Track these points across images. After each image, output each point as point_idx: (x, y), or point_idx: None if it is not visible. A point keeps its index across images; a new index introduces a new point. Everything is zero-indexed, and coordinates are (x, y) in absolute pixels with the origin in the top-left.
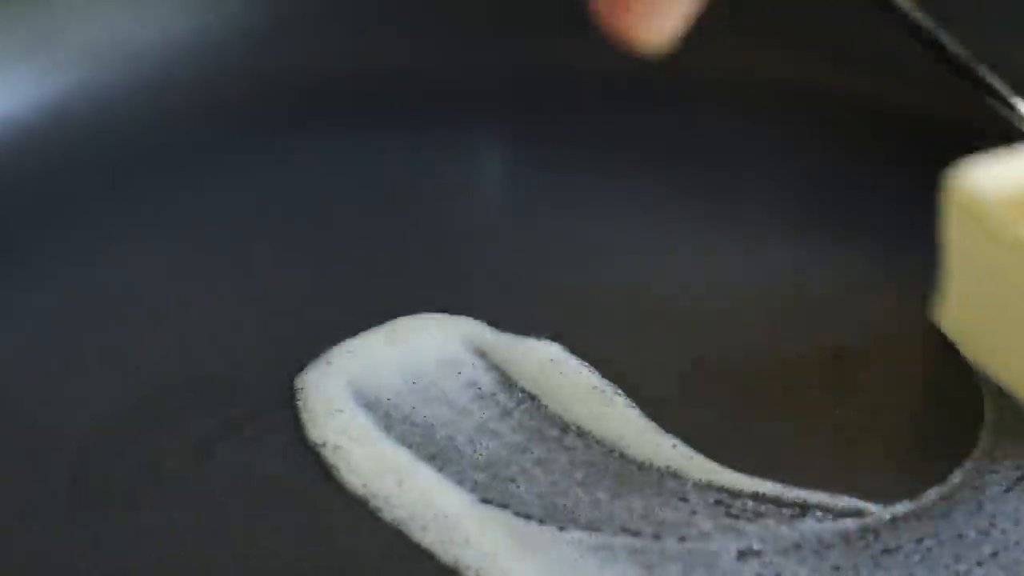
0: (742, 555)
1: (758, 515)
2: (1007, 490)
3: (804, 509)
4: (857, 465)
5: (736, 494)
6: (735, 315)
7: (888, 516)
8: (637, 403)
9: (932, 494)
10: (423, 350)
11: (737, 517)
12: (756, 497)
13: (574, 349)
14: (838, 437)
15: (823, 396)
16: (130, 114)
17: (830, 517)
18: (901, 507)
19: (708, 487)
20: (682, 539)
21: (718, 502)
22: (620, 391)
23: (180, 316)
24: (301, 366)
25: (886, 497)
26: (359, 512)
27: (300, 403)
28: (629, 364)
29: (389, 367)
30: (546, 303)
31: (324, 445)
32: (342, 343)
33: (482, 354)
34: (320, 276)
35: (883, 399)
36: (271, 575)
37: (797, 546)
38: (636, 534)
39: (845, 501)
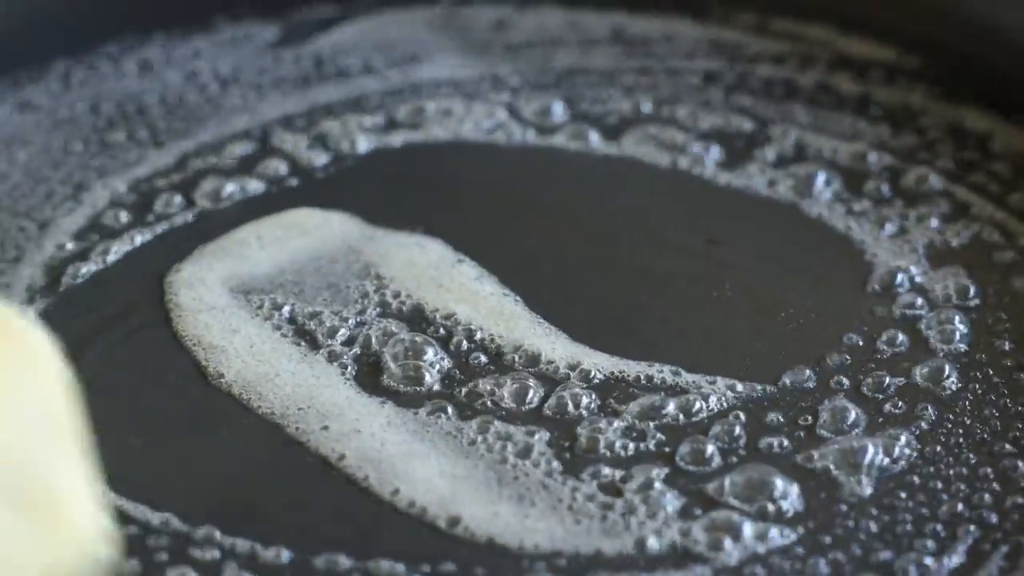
0: (628, 431)
1: (631, 397)
2: (878, 366)
3: (678, 390)
4: (733, 347)
5: (614, 379)
6: (609, 204)
7: (763, 395)
8: (513, 292)
9: (808, 373)
10: (297, 246)
11: (615, 399)
12: (630, 380)
13: (448, 242)
14: (714, 320)
15: (699, 280)
16: None
17: (705, 398)
18: (779, 386)
19: (582, 370)
20: (560, 420)
21: (593, 386)
22: (496, 281)
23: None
24: (172, 263)
25: (763, 378)
26: (234, 407)
27: (171, 300)
28: (504, 255)
29: (263, 263)
30: (419, 197)
31: (197, 342)
32: (215, 239)
33: (356, 248)
34: (189, 168)
35: (758, 282)
36: (145, 472)
37: (672, 423)
38: (512, 420)
39: (720, 382)
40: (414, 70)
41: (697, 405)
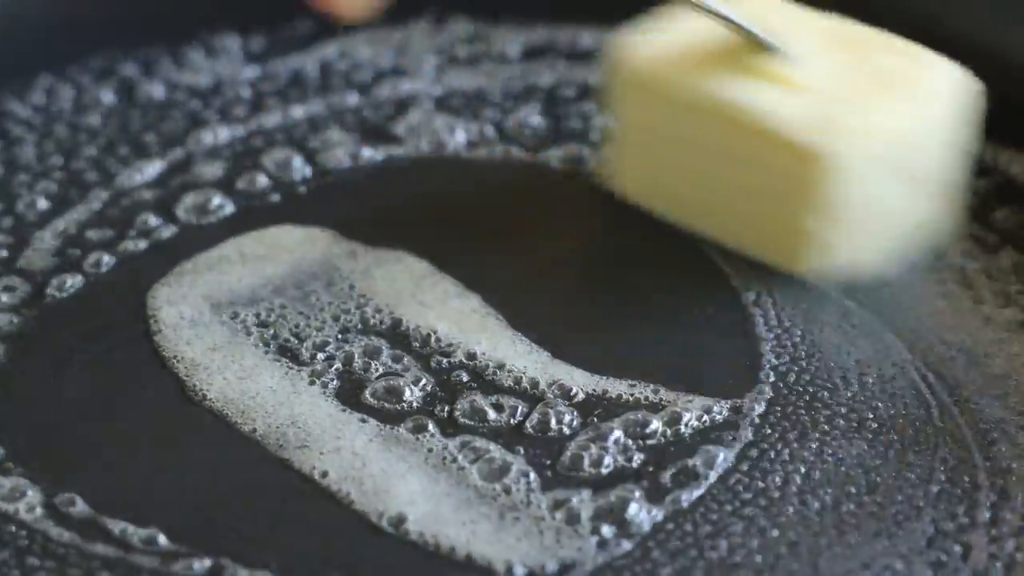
0: (609, 449)
1: (613, 414)
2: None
3: (660, 407)
4: (715, 365)
5: (596, 396)
6: (592, 220)
7: (745, 413)
8: (495, 309)
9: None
10: (279, 262)
11: (596, 416)
12: (612, 398)
13: (430, 259)
14: (697, 338)
15: (682, 298)
16: None
17: (687, 416)
18: (761, 404)
19: (564, 388)
20: (541, 437)
21: (575, 404)
22: (478, 298)
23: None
24: (154, 279)
25: (745, 396)
26: (216, 425)
27: (152, 316)
28: (486, 272)
29: (244, 279)
30: (401, 214)
31: (178, 358)
32: (197, 255)
33: (337, 265)
34: (171, 183)
35: (740, 300)
36: (127, 489)
37: (654, 441)
38: (494, 438)
39: (702, 400)
40: (397, 85)
41: (678, 423)
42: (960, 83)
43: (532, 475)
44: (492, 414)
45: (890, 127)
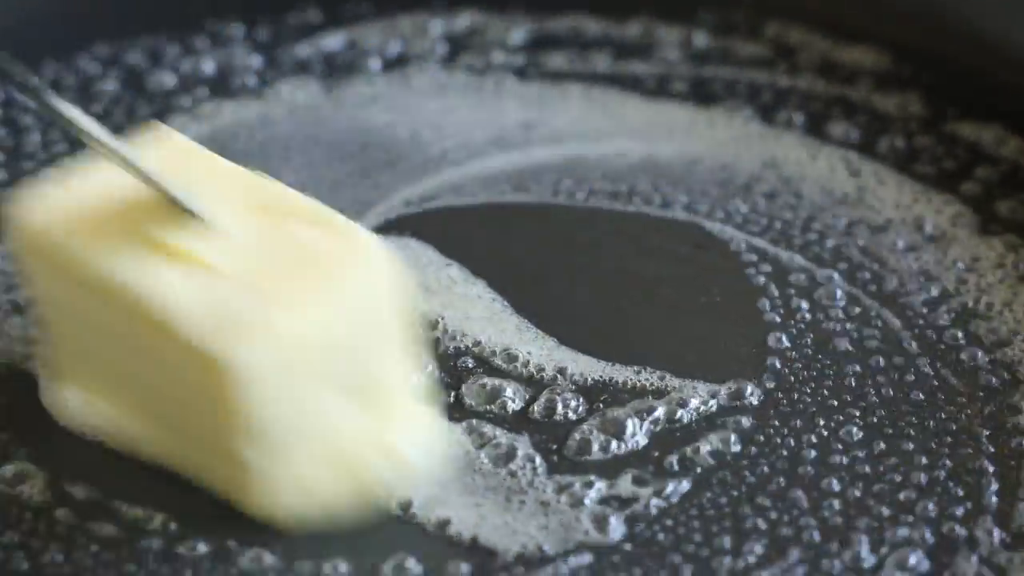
0: (614, 435)
1: (618, 401)
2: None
3: (665, 394)
4: (720, 352)
5: (601, 383)
6: (596, 208)
7: (750, 400)
8: (501, 296)
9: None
10: None
11: (602, 403)
12: (617, 384)
13: (437, 246)
14: (702, 326)
15: (686, 285)
16: None
17: (692, 403)
18: (766, 391)
19: (570, 374)
20: (547, 423)
21: (581, 390)
22: (484, 285)
23: None
24: None
25: (750, 382)
26: None
27: None
28: (493, 259)
29: None
30: (410, 204)
31: None
32: None
33: None
34: None
35: (745, 286)
36: (131, 471)
37: (659, 427)
38: (499, 423)
39: (707, 387)
40: (403, 75)
41: (684, 410)
42: (384, 260)
43: (538, 460)
44: (498, 399)
45: (310, 323)
